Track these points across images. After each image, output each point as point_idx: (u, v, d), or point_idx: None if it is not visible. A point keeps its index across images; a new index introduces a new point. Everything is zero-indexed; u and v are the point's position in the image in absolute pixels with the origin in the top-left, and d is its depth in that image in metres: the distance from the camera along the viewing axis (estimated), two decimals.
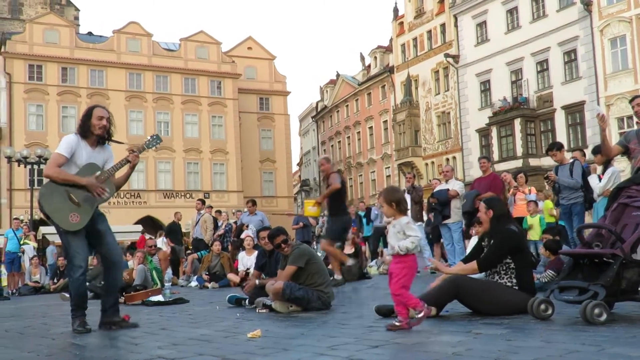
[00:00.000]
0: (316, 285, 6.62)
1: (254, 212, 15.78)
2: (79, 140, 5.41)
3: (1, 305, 11.90)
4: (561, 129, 33.88)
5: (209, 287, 12.57)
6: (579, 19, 33.33)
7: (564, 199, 9.18)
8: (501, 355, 3.35)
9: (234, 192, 46.55)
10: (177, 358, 3.82)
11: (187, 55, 48.39)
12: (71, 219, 5.25)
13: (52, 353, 4.52)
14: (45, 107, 43.73)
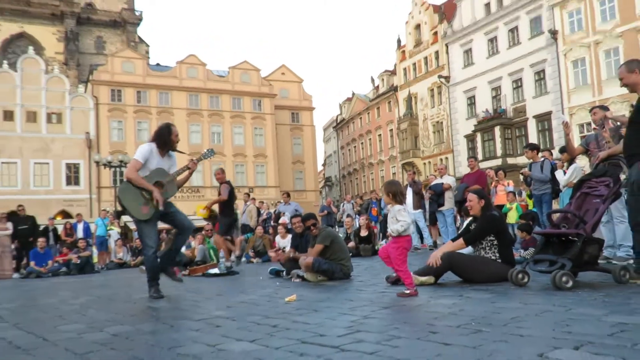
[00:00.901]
0: (338, 260, 6.65)
1: (288, 202, 15.88)
2: (152, 149, 5.52)
3: (94, 277, 12.09)
4: (533, 134, 33.66)
5: (254, 262, 12.67)
6: (546, 45, 33.04)
7: (536, 190, 9.14)
8: (487, 314, 3.34)
9: (272, 187, 46.75)
10: (231, 317, 3.87)
11: (234, 80, 48.62)
12: (142, 210, 5.38)
13: (134, 314, 4.60)
14: (124, 123, 44.19)
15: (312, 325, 3.28)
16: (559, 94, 32.19)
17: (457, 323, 3.08)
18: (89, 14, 61.56)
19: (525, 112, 34.53)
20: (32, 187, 40.04)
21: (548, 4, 32.90)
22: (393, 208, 4.69)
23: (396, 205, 4.69)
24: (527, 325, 2.91)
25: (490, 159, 34.14)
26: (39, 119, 41.27)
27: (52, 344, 3.14)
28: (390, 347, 2.54)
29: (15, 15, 58.46)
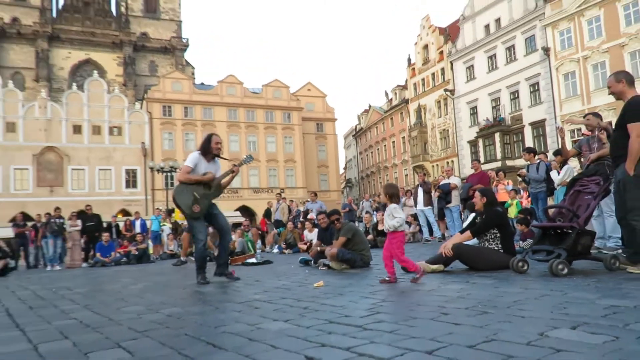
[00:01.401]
0: (359, 250, 6.62)
1: (315, 200, 15.86)
2: (199, 157, 5.63)
3: (149, 266, 12.25)
4: (529, 139, 33.11)
5: (286, 253, 12.69)
6: (540, 61, 32.48)
7: (532, 188, 9.01)
8: (492, 298, 3.29)
9: (300, 188, 46.84)
10: (267, 300, 3.87)
11: (267, 96, 48.86)
12: (194, 208, 5.45)
13: (184, 297, 4.63)
14: (174, 134, 44.74)
15: (337, 307, 3.27)
16: (552, 103, 31.61)
17: (465, 305, 3.04)
18: (144, 42, 62.48)
19: (521, 120, 33.98)
20: (97, 189, 40.80)
21: (541, 24, 32.34)
22: (389, 206, 4.66)
23: (392, 204, 4.66)
24: (528, 308, 2.85)
25: (491, 162, 33.66)
26: (102, 132, 42.05)
27: (116, 323, 3.18)
28: (407, 327, 2.52)
29: (82, 44, 59.68)
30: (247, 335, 2.54)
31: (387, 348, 2.11)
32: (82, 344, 2.59)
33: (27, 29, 57.28)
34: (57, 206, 16.25)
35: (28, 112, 40.09)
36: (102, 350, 2.42)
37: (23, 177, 39.27)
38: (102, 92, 42.97)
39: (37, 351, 2.51)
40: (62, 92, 48.80)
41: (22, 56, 57.45)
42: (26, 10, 58.45)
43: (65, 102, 41.72)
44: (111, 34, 60.68)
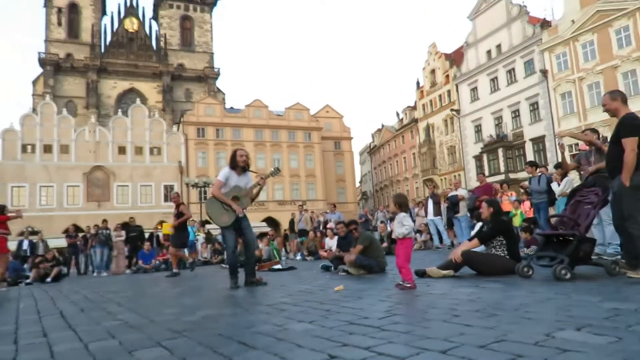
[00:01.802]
0: (376, 257, 6.54)
1: (334, 211, 15.79)
2: (230, 171, 5.62)
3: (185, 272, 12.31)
4: (530, 153, 32.58)
5: (308, 260, 12.62)
6: (538, 82, 32.09)
7: (534, 199, 8.82)
8: (500, 301, 3.21)
9: (320, 200, 46.82)
10: (292, 303, 3.85)
11: (290, 118, 49.20)
12: (223, 219, 5.45)
13: (217, 300, 4.64)
14: (207, 153, 45.29)
15: (357, 310, 3.23)
16: (550, 120, 31.11)
17: (475, 308, 2.98)
18: (180, 72, 63.65)
19: (522, 136, 33.50)
20: (139, 203, 41.40)
21: (539, 49, 32.02)
22: (399, 215, 4.59)
23: (401, 212, 4.59)
24: (534, 310, 2.78)
25: (495, 175, 33.18)
26: (144, 152, 42.78)
27: (157, 324, 3.20)
28: (422, 328, 2.47)
29: (127, 75, 61.10)
30: (275, 335, 2.53)
31: (403, 347, 2.07)
32: (127, 342, 2.61)
33: (79, 63, 58.91)
34: (104, 219, 16.48)
35: (79, 135, 41.05)
36: (145, 349, 2.42)
37: (75, 193, 40.10)
38: (143, 117, 43.81)
39: (87, 349, 2.53)
40: (109, 118, 49.90)
41: (75, 87, 59.02)
42: (78, 47, 60.17)
43: (111, 126, 42.62)
44: (152, 65, 61.99)
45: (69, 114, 43.82)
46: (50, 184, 39.33)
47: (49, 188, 39.33)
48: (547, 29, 31.85)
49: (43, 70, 58.03)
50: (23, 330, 3.38)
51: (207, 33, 66.45)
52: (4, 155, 38.72)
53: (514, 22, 34.38)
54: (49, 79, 57.39)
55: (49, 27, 59.73)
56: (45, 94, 53.08)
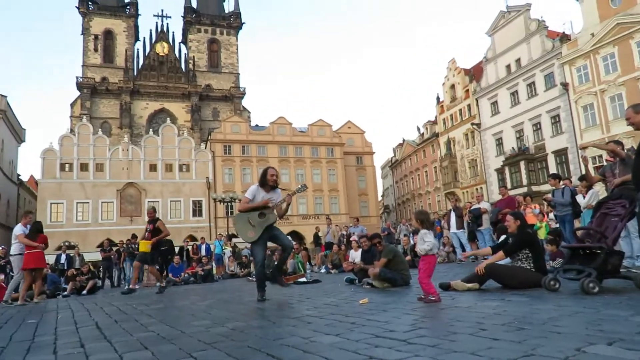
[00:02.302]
0: (399, 270, 6.45)
1: (357, 225, 15.67)
2: (258, 188, 5.63)
3: (214, 285, 12.38)
4: (552, 166, 31.85)
5: (332, 272, 12.53)
6: (559, 95, 31.50)
7: (559, 212, 8.57)
8: (527, 314, 3.11)
9: (343, 214, 46.61)
10: (318, 316, 3.82)
11: (313, 134, 49.46)
12: (249, 234, 5.43)
13: (245, 313, 4.63)
14: (233, 169, 45.83)
15: (382, 323, 3.18)
16: (573, 133, 30.41)
17: (502, 322, 2.89)
18: (208, 92, 64.91)
19: (544, 149, 32.81)
20: (169, 218, 42.00)
21: (559, 62, 31.49)
22: (421, 232, 4.52)
23: (423, 229, 4.52)
24: (563, 324, 2.68)
25: (518, 187, 32.51)
26: (174, 169, 43.58)
27: (188, 336, 3.21)
28: (448, 341, 2.41)
29: (157, 96, 62.66)
30: (302, 348, 2.51)
31: None
32: (160, 353, 2.63)
33: (114, 86, 60.78)
34: (133, 233, 16.75)
35: (113, 154, 42.16)
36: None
37: (109, 209, 41.05)
38: (173, 135, 44.74)
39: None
40: (140, 137, 51.13)
41: (109, 108, 60.83)
42: (113, 71, 62.16)
43: (143, 145, 43.65)
44: (181, 86, 63.44)
45: (104, 134, 45.13)
46: (86, 201, 40.37)
47: (84, 204, 40.37)
48: (567, 42, 31.34)
49: (80, 94, 60.04)
50: (61, 340, 3.45)
51: (233, 55, 67.75)
52: (44, 174, 40.01)
53: (533, 36, 33.97)
54: (85, 102, 59.33)
55: (86, 53, 61.97)
56: (82, 115, 54.83)
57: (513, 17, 35.69)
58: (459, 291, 4.95)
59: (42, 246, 8.39)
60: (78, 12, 62.43)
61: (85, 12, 62.21)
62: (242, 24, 68.72)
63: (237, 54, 68.07)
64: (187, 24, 66.63)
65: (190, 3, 67.03)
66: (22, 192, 46.85)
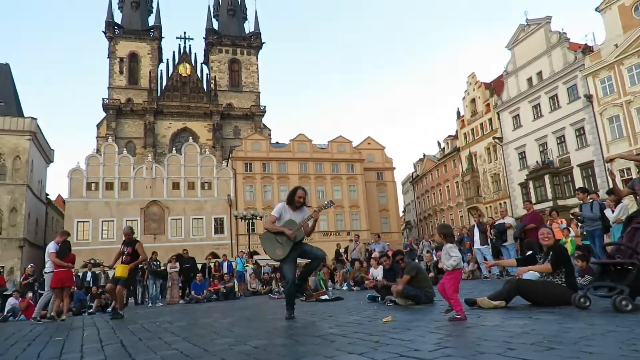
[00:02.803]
0: (423, 287, 6.35)
1: (378, 241, 15.54)
2: (284, 206, 5.55)
3: (236, 302, 12.39)
4: (578, 180, 31.09)
5: (354, 290, 12.40)
6: (583, 107, 30.90)
7: (588, 227, 8.33)
8: (557, 334, 3.01)
9: (364, 230, 46.19)
10: (341, 334, 3.77)
11: (333, 150, 49.57)
12: (277, 252, 5.34)
13: (268, 330, 4.61)
14: (254, 187, 46.15)
15: (406, 341, 3.12)
16: (599, 145, 29.71)
17: (531, 341, 2.81)
18: (229, 111, 65.97)
19: (569, 162, 32.09)
20: (192, 235, 42.46)
21: (582, 74, 30.99)
22: (445, 246, 4.44)
23: (448, 243, 4.45)
24: (596, 344, 2.58)
25: (543, 202, 31.79)
26: (196, 187, 44.16)
27: (211, 354, 3.21)
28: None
29: (180, 116, 64.00)
30: None
31: None
32: None
33: (138, 107, 62.39)
34: (154, 251, 16.89)
35: (138, 173, 43.03)
36: None
37: (133, 227, 41.64)
38: (195, 154, 45.46)
39: None
40: (164, 156, 52.10)
41: (134, 128, 62.36)
42: (137, 92, 63.90)
43: (166, 163, 44.46)
44: (203, 106, 64.67)
45: (128, 154, 46.15)
46: (111, 219, 41.15)
47: (109, 222, 41.15)
48: (589, 54, 30.88)
49: (106, 114, 61.80)
50: (87, 358, 3.49)
51: (253, 74, 68.89)
52: (72, 193, 41.06)
53: (554, 49, 33.59)
54: (111, 122, 60.99)
55: (112, 75, 63.96)
56: (108, 135, 56.34)
57: (533, 30, 35.42)
58: (484, 309, 4.83)
59: (71, 265, 8.57)
60: (105, 37, 64.69)
61: (112, 37, 64.42)
62: (262, 44, 70.01)
63: (257, 72, 69.20)
64: (209, 45, 68.25)
65: (211, 25, 68.74)
66: (50, 211, 48.10)
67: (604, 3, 29.54)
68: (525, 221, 10.72)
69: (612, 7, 29.16)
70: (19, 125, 39.08)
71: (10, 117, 39.20)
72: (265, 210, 43.84)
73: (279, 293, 13.01)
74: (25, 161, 38.69)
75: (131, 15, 67.63)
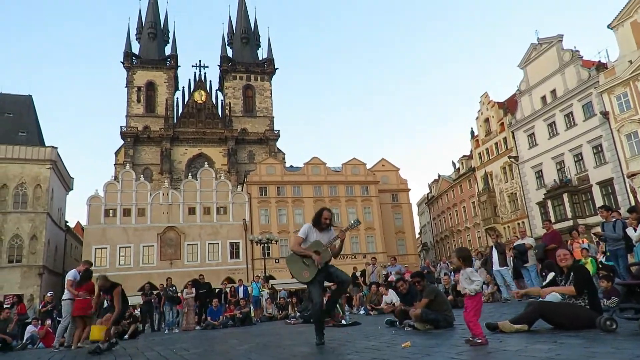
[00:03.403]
0: (442, 310, 6.22)
1: (394, 264, 15.37)
2: (311, 227, 5.45)
3: (252, 328, 12.27)
4: (598, 197, 30.45)
5: (372, 314, 12.20)
6: (600, 124, 30.53)
7: (611, 246, 8.11)
8: (583, 358, 2.91)
9: (380, 253, 45.64)
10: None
11: (347, 173, 49.59)
12: (304, 274, 5.21)
13: (286, 357, 4.54)
14: (269, 211, 46.21)
15: None
16: (617, 162, 29.18)
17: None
18: (244, 136, 66.80)
19: (588, 180, 31.50)
20: (207, 261, 42.46)
21: (597, 91, 30.73)
22: (465, 270, 4.34)
23: (467, 267, 4.36)
24: None
25: (563, 221, 31.14)
26: (211, 212, 44.39)
27: None
28: None
29: (196, 142, 65.03)
30: None
31: None
32: None
33: (155, 134, 63.62)
34: (168, 277, 16.90)
35: (154, 199, 43.52)
36: None
37: (150, 252, 41.97)
38: (211, 179, 45.88)
39: None
40: (180, 181, 52.73)
41: (151, 155, 63.46)
42: (154, 120, 65.26)
43: (182, 189, 44.93)
44: (218, 131, 65.64)
45: (145, 180, 46.80)
46: (128, 245, 41.48)
47: (127, 248, 41.48)
48: (603, 71, 30.68)
49: (124, 142, 63.09)
50: None
51: (267, 99, 69.94)
52: (90, 220, 41.63)
53: (567, 67, 33.48)
54: (129, 150, 62.19)
55: (130, 104, 65.57)
56: (126, 162, 57.33)
57: (545, 49, 35.43)
58: (506, 333, 4.70)
59: (81, 294, 8.52)
60: (123, 67, 66.61)
61: (130, 67, 66.33)
62: (276, 70, 71.27)
63: (271, 98, 70.25)
64: (223, 72, 69.73)
65: (226, 52, 70.36)
66: (69, 238, 48.75)
67: (616, 20, 29.49)
68: (545, 241, 10.50)
69: (625, 24, 29.09)
70: (40, 154, 40.10)
71: (32, 147, 40.27)
72: (280, 234, 43.77)
73: (296, 318, 12.86)
74: (46, 189, 39.51)
75: (148, 46, 69.69)
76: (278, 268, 43.58)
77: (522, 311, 4.90)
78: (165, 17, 74.22)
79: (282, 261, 44.15)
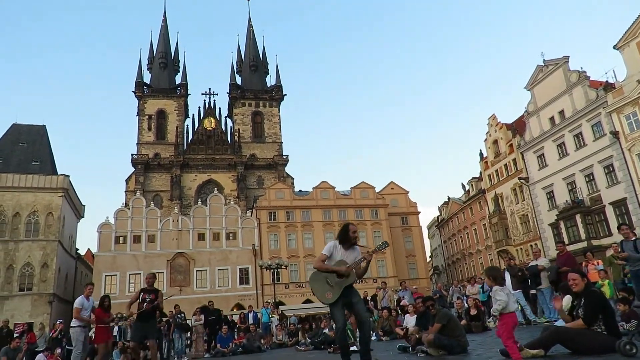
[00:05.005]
0: (455, 335, 6.07)
1: (406, 288, 15.07)
2: (336, 245, 5.25)
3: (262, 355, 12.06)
4: (612, 218, 29.97)
5: (383, 340, 11.96)
6: (610, 144, 30.29)
7: (632, 266, 7.88)
8: None
9: (391, 277, 45.13)
10: None
11: (356, 197, 49.49)
12: (327, 295, 4.99)
13: None
14: (278, 235, 46.08)
15: None
16: (630, 182, 28.81)
17: None
18: (253, 162, 67.25)
19: (601, 200, 31.06)
20: (217, 287, 42.19)
21: (605, 111, 30.61)
22: (494, 289, 4.28)
23: (496, 286, 4.28)
24: None
25: (576, 242, 30.62)
26: (221, 238, 44.35)
27: None
28: None
29: (205, 168, 65.57)
30: None
31: None
32: None
33: (165, 161, 64.33)
34: (176, 304, 16.73)
35: (164, 225, 43.65)
36: None
37: (159, 279, 41.76)
38: (220, 204, 46.02)
39: None
40: (189, 207, 52.95)
41: (161, 182, 64.00)
42: (164, 147, 66.10)
43: (192, 215, 45.07)
44: (227, 157, 66.21)
45: (155, 207, 47.10)
46: (138, 272, 41.40)
47: (136, 275, 41.37)
48: (611, 91, 30.64)
49: (135, 169, 63.80)
50: None
51: (275, 125, 70.66)
52: (100, 247, 41.77)
53: (575, 87, 33.51)
54: (139, 177, 62.81)
55: (141, 132, 66.59)
56: (136, 189, 57.82)
57: (551, 70, 35.56)
58: (523, 358, 4.55)
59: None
60: (134, 96, 67.98)
61: (141, 96, 67.67)
62: (284, 96, 72.25)
63: (279, 123, 70.96)
64: (232, 99, 70.82)
65: (235, 80, 71.62)
66: (80, 266, 48.85)
67: (622, 40, 29.61)
68: (559, 263, 10.30)
69: (631, 44, 29.19)
70: (52, 182, 40.63)
71: (45, 176, 40.86)
72: (290, 259, 43.51)
73: (306, 344, 12.63)
74: (58, 217, 39.85)
75: (159, 75, 71.22)
76: (288, 294, 43.14)
77: (539, 336, 4.76)
78: (175, 46, 76.10)
79: (292, 286, 43.74)
